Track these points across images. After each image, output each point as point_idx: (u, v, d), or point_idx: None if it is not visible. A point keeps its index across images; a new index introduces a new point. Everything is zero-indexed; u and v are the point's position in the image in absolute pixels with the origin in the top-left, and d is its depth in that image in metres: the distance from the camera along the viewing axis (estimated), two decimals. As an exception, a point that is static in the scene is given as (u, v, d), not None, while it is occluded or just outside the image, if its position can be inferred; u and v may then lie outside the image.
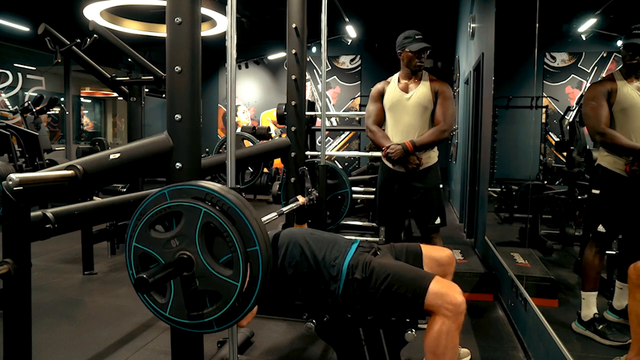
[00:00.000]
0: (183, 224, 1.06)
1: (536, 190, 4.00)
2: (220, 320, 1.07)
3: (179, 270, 1.04)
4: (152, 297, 1.09)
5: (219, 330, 1.10)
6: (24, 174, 1.06)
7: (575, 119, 3.97)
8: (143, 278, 0.95)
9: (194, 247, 1.05)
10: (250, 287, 1.05)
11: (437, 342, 1.48)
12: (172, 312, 1.08)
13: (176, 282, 1.07)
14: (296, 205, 2.29)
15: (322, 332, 1.70)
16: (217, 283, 1.04)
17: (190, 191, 1.07)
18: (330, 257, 1.67)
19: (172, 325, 1.11)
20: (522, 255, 3.11)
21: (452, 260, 1.85)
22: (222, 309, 1.04)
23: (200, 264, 1.05)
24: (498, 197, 4.92)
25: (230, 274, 1.03)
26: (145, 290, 0.98)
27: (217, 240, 1.05)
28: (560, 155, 4.35)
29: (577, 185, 3.58)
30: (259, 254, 1.03)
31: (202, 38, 1.29)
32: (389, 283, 1.55)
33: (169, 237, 1.07)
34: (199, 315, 1.06)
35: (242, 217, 1.04)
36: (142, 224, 1.09)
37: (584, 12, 4.23)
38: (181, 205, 1.06)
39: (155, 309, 1.10)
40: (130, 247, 1.10)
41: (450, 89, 2.64)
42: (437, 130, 2.57)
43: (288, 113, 2.79)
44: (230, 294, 1.03)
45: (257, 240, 1.03)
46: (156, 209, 1.07)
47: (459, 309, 1.47)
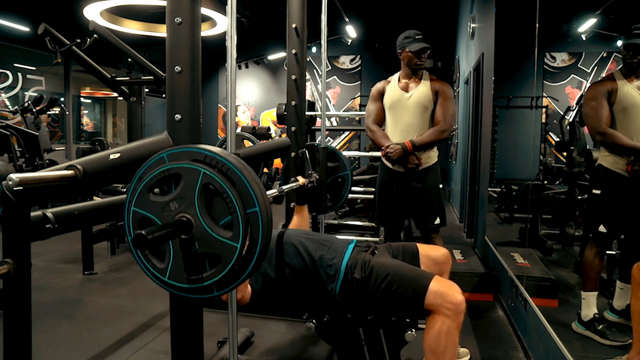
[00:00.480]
0: (182, 186, 1.04)
1: (536, 190, 4.00)
2: (220, 283, 1.06)
3: (178, 231, 1.03)
4: (151, 262, 1.08)
5: (219, 295, 1.08)
6: (24, 174, 1.06)
7: (575, 119, 3.97)
8: (142, 234, 0.94)
9: (193, 209, 1.03)
10: (250, 249, 1.03)
11: (437, 341, 1.48)
12: (171, 277, 1.07)
13: (175, 245, 1.06)
14: (296, 185, 2.26)
15: (322, 332, 1.70)
16: (216, 245, 1.03)
17: (190, 153, 1.06)
18: (327, 257, 1.67)
19: (172, 290, 1.10)
20: (522, 255, 3.11)
21: (449, 259, 1.86)
22: (222, 271, 1.03)
23: (199, 226, 1.03)
24: (498, 197, 4.92)
25: (230, 235, 1.02)
26: (143, 247, 0.96)
27: (216, 202, 1.04)
28: (560, 155, 4.35)
29: (577, 185, 3.58)
30: (259, 215, 1.02)
31: (202, 38, 1.29)
32: (389, 282, 1.55)
33: (167, 200, 1.06)
34: (199, 279, 1.05)
35: (242, 179, 1.03)
36: (141, 188, 1.07)
37: (584, 12, 4.23)
38: (180, 167, 1.04)
39: (155, 274, 1.09)
40: (129, 211, 1.09)
41: (450, 89, 2.63)
42: (437, 130, 2.56)
43: (288, 113, 2.79)
44: (230, 256, 1.02)
45: (257, 202, 1.02)
46: (155, 172, 1.06)
47: (458, 308, 1.47)
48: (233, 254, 1.02)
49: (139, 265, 1.11)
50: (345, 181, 2.92)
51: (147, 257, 1.09)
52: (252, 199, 1.02)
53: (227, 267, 1.02)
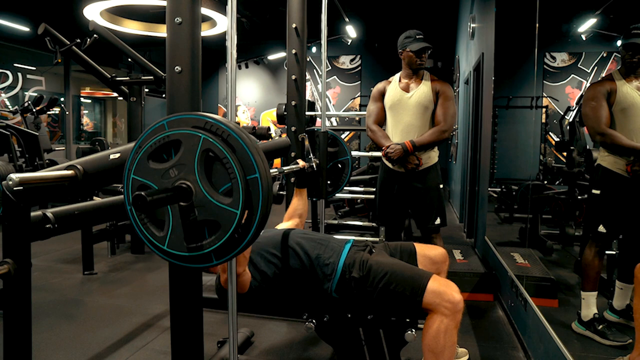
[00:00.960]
0: (182, 153, 1.04)
1: (536, 190, 4.00)
2: (219, 251, 1.05)
3: (177, 196, 1.02)
4: (149, 230, 1.08)
5: (218, 264, 1.08)
6: (24, 174, 1.06)
7: (575, 119, 3.97)
8: (141, 195, 0.93)
9: (193, 175, 1.03)
10: (250, 217, 1.03)
11: (435, 340, 1.48)
12: (170, 245, 1.06)
13: (174, 213, 1.05)
14: (296, 167, 2.26)
15: (322, 332, 1.70)
16: (216, 212, 1.02)
17: (190, 120, 1.06)
18: (323, 256, 1.67)
19: (171, 260, 1.09)
20: (522, 255, 3.11)
21: (446, 259, 1.86)
22: (222, 238, 1.02)
23: (199, 193, 1.03)
24: (498, 197, 4.92)
25: (230, 202, 1.01)
26: (142, 209, 0.95)
27: (216, 169, 1.04)
28: (560, 155, 4.34)
29: (577, 185, 3.58)
30: (259, 181, 1.02)
31: (202, 38, 1.29)
32: (387, 281, 1.55)
33: (167, 167, 1.05)
34: (198, 246, 1.04)
35: (242, 145, 1.02)
36: (141, 155, 1.07)
37: (584, 12, 4.23)
38: (180, 134, 1.04)
39: (154, 243, 1.08)
40: (128, 179, 1.09)
41: (451, 89, 2.63)
42: (438, 130, 2.56)
43: (288, 113, 2.79)
44: (229, 223, 1.01)
45: (257, 168, 1.02)
46: (155, 138, 1.06)
47: (457, 307, 1.47)
48: (233, 220, 1.01)
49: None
50: (345, 166, 2.91)
51: (146, 225, 1.08)
52: (253, 165, 1.02)
53: (226, 234, 1.02)
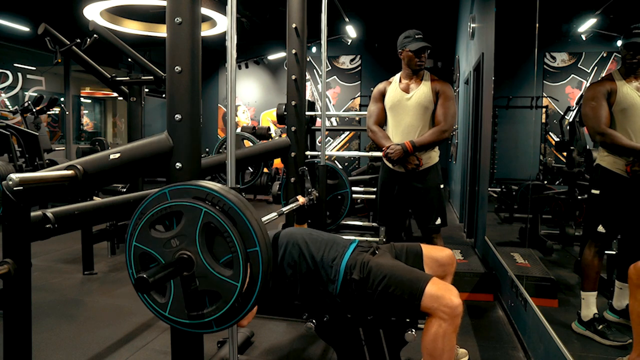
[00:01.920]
0: (183, 224, 1.06)
1: (536, 190, 4.00)
2: (220, 320, 1.07)
3: (179, 270, 1.04)
4: (152, 297, 1.09)
5: (219, 331, 1.10)
6: (24, 174, 1.06)
7: (575, 119, 3.97)
8: (143, 278, 0.95)
9: (195, 247, 1.05)
10: (250, 287, 1.05)
11: (433, 344, 1.48)
12: (172, 312, 1.08)
13: (176, 281, 1.07)
14: (296, 205, 2.29)
15: (322, 332, 1.70)
16: (217, 283, 1.04)
17: (191, 191, 1.08)
18: (328, 257, 1.66)
19: (172, 325, 1.11)
20: (522, 255, 3.11)
21: (453, 261, 1.84)
22: (222, 309, 1.04)
23: (200, 264, 1.05)
24: (498, 197, 4.92)
25: (231, 274, 1.03)
26: (145, 290, 0.98)
27: (217, 241, 1.06)
28: (560, 155, 4.34)
29: (577, 185, 3.58)
30: (259, 254, 1.04)
31: (202, 38, 1.29)
32: (386, 284, 1.55)
33: (169, 237, 1.07)
34: (199, 315, 1.06)
35: (242, 218, 1.04)
36: (143, 224, 1.09)
37: (584, 12, 4.23)
38: (182, 205, 1.06)
39: (155, 309, 1.10)
40: (130, 246, 1.11)
41: (451, 89, 2.63)
42: (438, 130, 2.56)
43: (288, 113, 2.79)
44: (230, 294, 1.03)
45: (258, 241, 1.03)
46: (157, 208, 1.08)
47: (455, 312, 1.46)
48: (233, 292, 1.03)
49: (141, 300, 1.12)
50: (344, 199, 2.94)
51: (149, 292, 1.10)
52: (253, 238, 1.04)
53: (227, 305, 1.04)
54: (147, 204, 1.10)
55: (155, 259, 1.08)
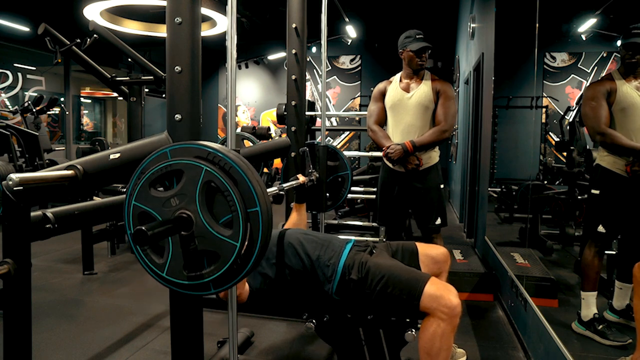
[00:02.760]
0: (184, 183, 1.04)
1: (536, 190, 4.00)
2: (218, 281, 1.06)
3: (178, 227, 1.03)
4: (149, 257, 1.08)
5: (216, 292, 1.08)
6: (24, 174, 1.06)
7: (575, 119, 3.97)
8: (142, 230, 0.94)
9: (194, 206, 1.04)
10: (249, 249, 1.04)
11: (431, 343, 1.48)
12: (169, 273, 1.07)
13: (174, 241, 1.06)
14: (296, 183, 2.25)
15: (322, 332, 1.70)
16: (216, 243, 1.03)
17: (193, 150, 1.06)
18: (324, 257, 1.67)
19: (170, 286, 1.10)
20: (522, 255, 3.11)
21: (447, 258, 1.86)
22: (220, 269, 1.03)
23: (199, 224, 1.04)
24: (498, 197, 4.92)
25: (230, 234, 1.02)
26: (142, 242, 0.96)
27: (217, 200, 1.04)
28: (560, 155, 4.34)
29: (577, 185, 3.58)
30: (259, 215, 1.02)
31: (202, 38, 1.29)
32: (385, 284, 1.55)
33: (169, 196, 1.06)
34: (197, 276, 1.05)
35: (243, 177, 1.03)
36: (142, 182, 1.07)
37: (584, 12, 4.23)
38: (182, 164, 1.04)
39: (153, 269, 1.09)
40: (129, 205, 1.09)
41: (452, 89, 2.63)
42: (438, 130, 2.56)
43: (288, 113, 2.79)
44: (229, 255, 1.02)
45: (258, 201, 1.02)
46: (157, 167, 1.06)
47: (453, 312, 1.47)
48: (232, 252, 1.02)
49: (139, 264, 1.11)
50: (345, 180, 2.91)
51: (146, 252, 1.09)
52: (254, 198, 1.02)
53: (225, 265, 1.03)
54: (148, 163, 1.09)
55: (154, 218, 1.07)
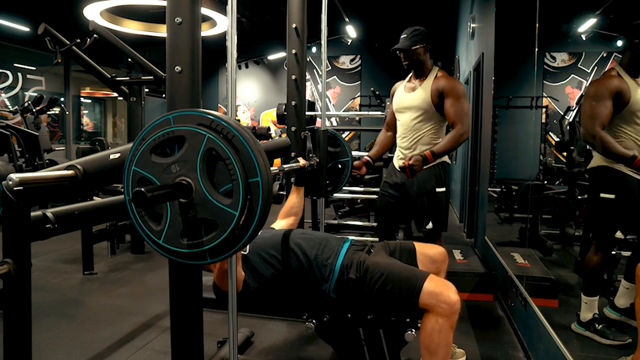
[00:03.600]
0: (185, 149, 1.04)
1: (536, 190, 4.00)
2: (215, 250, 1.05)
3: (177, 193, 1.03)
4: (147, 224, 1.08)
5: (212, 262, 1.08)
6: (24, 174, 1.06)
7: (575, 119, 3.97)
8: (141, 191, 0.93)
9: (195, 173, 1.03)
10: (248, 219, 1.03)
11: (430, 339, 1.50)
12: (166, 240, 1.06)
13: (173, 208, 1.05)
14: (296, 165, 2.24)
15: (322, 332, 1.70)
16: (214, 212, 1.02)
17: (195, 117, 1.06)
18: (322, 257, 1.67)
19: (167, 255, 1.09)
20: (522, 255, 3.11)
21: (445, 257, 1.87)
22: (218, 238, 1.02)
23: (199, 191, 1.03)
24: (498, 197, 4.92)
25: (229, 203, 1.01)
26: (141, 204, 0.95)
27: (218, 169, 1.04)
28: (560, 155, 4.35)
29: (577, 185, 3.58)
30: (260, 185, 1.02)
31: (202, 38, 1.29)
32: (383, 282, 1.56)
33: (169, 162, 1.05)
34: (194, 244, 1.04)
35: (246, 147, 1.02)
36: (144, 148, 1.07)
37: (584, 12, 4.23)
38: (185, 130, 1.04)
39: (150, 237, 1.08)
40: (129, 171, 1.09)
41: (459, 85, 2.49)
42: (456, 134, 2.39)
43: (288, 113, 2.79)
44: (227, 224, 1.01)
45: (260, 172, 1.01)
46: (159, 132, 1.06)
47: (453, 308, 1.48)
48: (231, 221, 1.01)
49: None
50: (345, 167, 2.88)
51: (144, 219, 1.08)
52: (255, 168, 1.02)
53: (223, 234, 1.02)
54: (150, 129, 1.08)
55: (154, 184, 1.07)
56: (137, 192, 0.93)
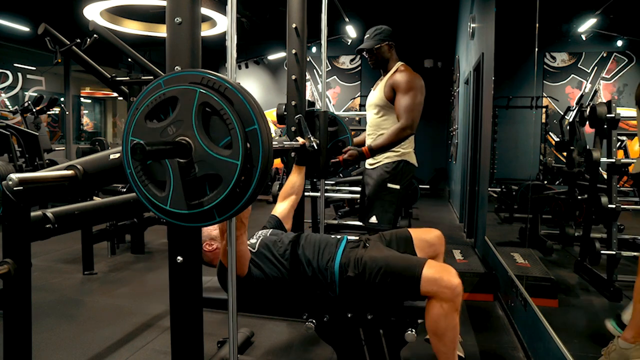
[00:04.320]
0: (179, 109, 1.03)
1: (536, 190, 4.00)
2: (221, 207, 1.04)
3: (176, 151, 1.02)
4: (151, 192, 1.07)
5: (221, 220, 1.06)
6: (24, 174, 1.06)
7: (575, 119, 3.97)
8: (140, 144, 0.92)
9: (191, 130, 1.02)
10: (250, 169, 1.02)
11: (436, 324, 1.52)
12: (173, 204, 1.05)
13: (175, 172, 1.05)
14: (297, 144, 2.24)
15: (322, 332, 1.70)
16: (216, 165, 1.01)
17: (187, 77, 1.06)
18: (322, 261, 1.68)
19: (174, 221, 1.09)
20: (522, 255, 3.11)
21: (442, 240, 1.89)
22: (223, 192, 1.01)
23: (198, 148, 1.02)
24: (498, 197, 4.93)
25: (229, 153, 1.00)
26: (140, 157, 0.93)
27: (215, 123, 1.03)
28: (560, 155, 4.35)
29: (577, 185, 3.58)
30: (258, 132, 1.01)
31: (202, 38, 1.29)
32: (383, 275, 1.57)
33: (165, 125, 1.05)
34: (200, 203, 1.04)
35: (239, 97, 1.01)
36: (138, 116, 1.07)
37: (584, 12, 4.24)
38: (176, 89, 1.04)
39: (156, 204, 1.08)
40: (126, 142, 1.08)
41: (413, 79, 2.44)
42: (396, 129, 2.37)
43: (288, 113, 2.79)
44: (230, 175, 1.00)
45: (256, 119, 1.01)
46: (151, 97, 1.06)
47: (455, 292, 1.49)
48: (234, 172, 1.00)
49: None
50: (345, 144, 2.88)
51: (148, 187, 1.07)
52: (251, 117, 1.01)
53: (228, 187, 1.01)
54: (142, 97, 1.08)
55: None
56: (135, 145, 0.91)
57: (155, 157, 0.99)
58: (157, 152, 0.96)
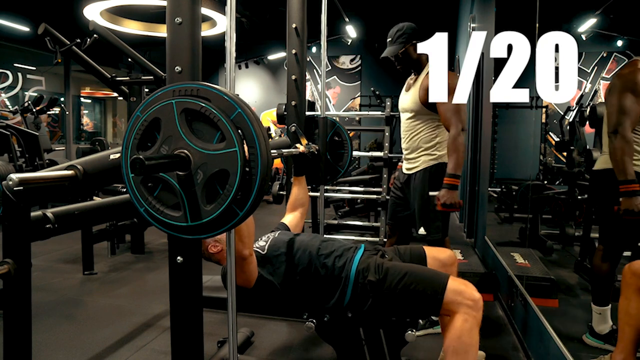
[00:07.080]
0: (163, 126, 1.06)
1: (536, 190, 4.01)
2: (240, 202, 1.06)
3: (176, 164, 1.03)
4: (168, 215, 1.08)
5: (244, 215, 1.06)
6: (24, 174, 1.06)
7: (575, 119, 3.97)
8: (139, 158, 0.93)
9: (183, 141, 1.04)
10: (251, 151, 1.04)
11: (459, 340, 1.46)
12: (193, 218, 1.06)
13: (184, 187, 1.06)
14: (295, 150, 2.20)
15: (322, 332, 1.70)
16: (218, 161, 1.03)
17: (160, 97, 1.08)
18: (337, 265, 1.67)
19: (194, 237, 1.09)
20: (522, 255, 3.11)
21: (455, 261, 1.88)
22: (234, 184, 1.02)
23: (195, 153, 1.04)
24: (498, 197, 4.93)
25: (225, 144, 1.02)
26: (139, 171, 0.95)
27: (201, 126, 1.05)
28: (560, 155, 4.35)
29: (577, 185, 3.58)
30: (244, 115, 1.03)
31: (202, 38, 1.29)
32: (407, 282, 1.55)
33: (157, 147, 1.07)
34: (218, 204, 1.04)
35: (215, 93, 1.04)
36: (130, 151, 1.09)
37: (584, 12, 4.24)
38: (154, 110, 1.06)
39: (176, 225, 1.08)
40: (128, 179, 1.10)
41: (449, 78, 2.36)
42: (453, 139, 2.16)
43: (288, 113, 2.79)
44: (234, 165, 1.01)
45: (237, 105, 1.03)
46: (135, 129, 1.08)
47: (477, 305, 1.48)
48: (236, 160, 1.01)
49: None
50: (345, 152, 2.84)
51: (163, 213, 1.08)
52: (232, 105, 1.03)
53: (237, 177, 1.02)
54: (128, 132, 1.10)
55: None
56: (135, 160, 0.93)
57: (154, 170, 1.00)
58: (155, 166, 0.97)
